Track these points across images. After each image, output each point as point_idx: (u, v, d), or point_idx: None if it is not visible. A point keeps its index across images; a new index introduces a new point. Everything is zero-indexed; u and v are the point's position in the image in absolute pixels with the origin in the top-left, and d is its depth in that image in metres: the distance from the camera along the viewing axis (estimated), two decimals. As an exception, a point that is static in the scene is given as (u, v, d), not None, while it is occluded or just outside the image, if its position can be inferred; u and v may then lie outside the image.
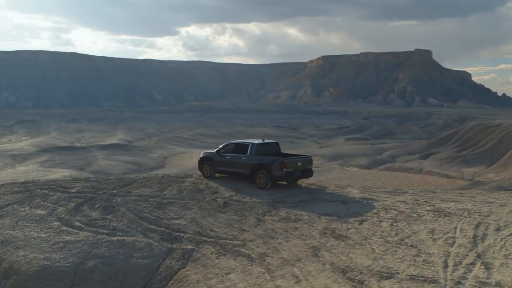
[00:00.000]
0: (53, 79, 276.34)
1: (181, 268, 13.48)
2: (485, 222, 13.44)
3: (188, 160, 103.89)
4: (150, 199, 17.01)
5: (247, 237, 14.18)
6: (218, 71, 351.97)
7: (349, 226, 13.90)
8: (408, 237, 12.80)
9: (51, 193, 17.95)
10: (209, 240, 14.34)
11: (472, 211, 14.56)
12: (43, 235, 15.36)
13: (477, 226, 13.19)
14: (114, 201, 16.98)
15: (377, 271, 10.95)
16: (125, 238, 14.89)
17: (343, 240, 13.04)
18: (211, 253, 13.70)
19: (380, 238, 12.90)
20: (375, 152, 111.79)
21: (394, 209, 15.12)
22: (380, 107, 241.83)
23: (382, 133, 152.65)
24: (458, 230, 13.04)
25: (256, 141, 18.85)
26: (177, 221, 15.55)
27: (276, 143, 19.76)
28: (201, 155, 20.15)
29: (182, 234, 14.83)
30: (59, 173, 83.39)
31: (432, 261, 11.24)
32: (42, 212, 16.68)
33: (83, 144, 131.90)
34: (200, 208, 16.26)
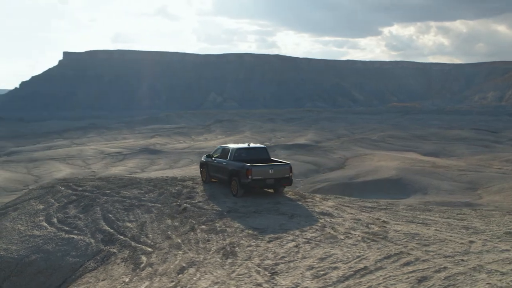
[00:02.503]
0: (257, 81, 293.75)
1: (92, 270, 13.71)
2: (408, 253, 10.84)
3: (368, 161, 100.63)
4: (128, 201, 17.48)
5: (163, 245, 13.74)
6: (421, 71, 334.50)
7: (254, 244, 12.48)
8: (289, 262, 11.03)
9: (63, 190, 19.63)
10: (133, 245, 14.29)
11: (417, 238, 11.82)
12: (23, 228, 17.01)
13: (387, 257, 10.73)
14: (98, 200, 17.88)
15: (193, 296, 9.75)
16: (75, 236, 15.66)
17: (227, 259, 11.82)
18: (120, 258, 13.67)
19: (260, 259, 11.37)
20: None
21: (331, 227, 13.08)
22: None
23: None
24: (357, 259, 10.79)
25: (237, 146, 17.84)
26: (128, 224, 15.76)
27: (264, 148, 18.38)
28: (202, 159, 19.55)
29: (120, 237, 15.03)
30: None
31: (262, 293, 9.56)
32: (41, 207, 18.40)
33: (272, 143, 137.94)
34: (159, 212, 16.19)
